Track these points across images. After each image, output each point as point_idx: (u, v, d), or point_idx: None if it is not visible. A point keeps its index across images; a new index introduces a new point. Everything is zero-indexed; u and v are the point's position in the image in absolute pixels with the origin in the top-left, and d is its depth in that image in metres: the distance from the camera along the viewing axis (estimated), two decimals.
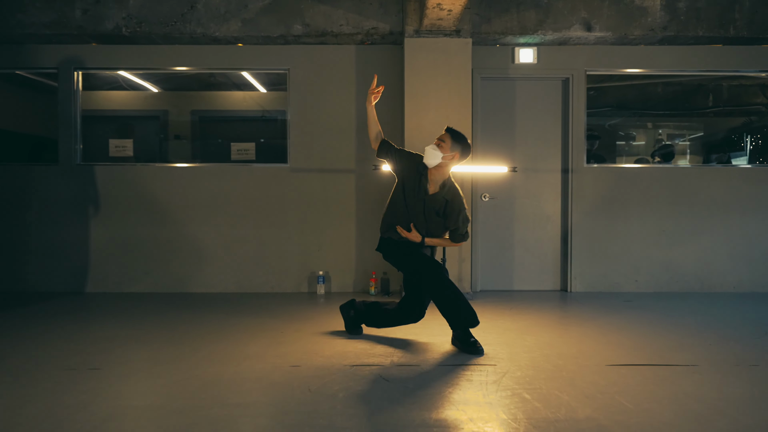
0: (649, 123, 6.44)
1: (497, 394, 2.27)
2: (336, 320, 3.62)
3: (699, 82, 5.71)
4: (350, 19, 4.46)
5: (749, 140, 6.65)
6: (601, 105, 6.28)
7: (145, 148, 5.34)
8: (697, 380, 2.46)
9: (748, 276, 4.83)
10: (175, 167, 4.83)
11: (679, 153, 5.54)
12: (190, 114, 5.73)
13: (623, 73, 4.96)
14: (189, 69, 4.85)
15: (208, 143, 5.63)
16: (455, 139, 2.97)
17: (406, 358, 2.76)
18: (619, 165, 4.95)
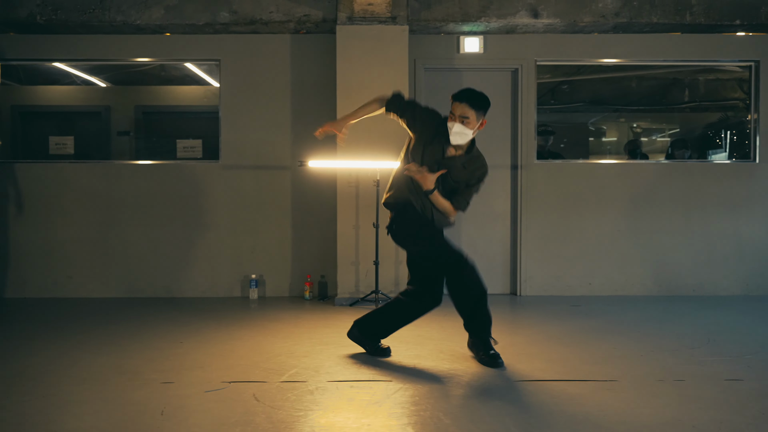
0: (623, 119, 6.17)
1: (369, 418, 1.99)
2: (255, 327, 3.35)
3: (674, 76, 5.44)
4: (281, 5, 4.18)
5: (728, 136, 6.38)
6: (574, 100, 6.02)
7: (87, 146, 5.08)
8: (604, 399, 2.18)
9: (709, 278, 4.55)
10: (112, 164, 4.56)
11: (648, 149, 5.27)
12: (134, 110, 5.46)
13: (576, 63, 4.68)
14: (112, 61, 4.58)
15: (152, 140, 5.37)
16: (478, 107, 2.61)
17: (302, 374, 2.48)
18: (573, 161, 4.67)
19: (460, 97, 2.62)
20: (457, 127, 2.60)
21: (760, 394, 2.25)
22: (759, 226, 4.56)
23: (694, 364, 2.64)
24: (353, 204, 4.15)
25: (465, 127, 2.60)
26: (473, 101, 2.60)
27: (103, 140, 5.18)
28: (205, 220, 4.47)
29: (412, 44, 4.48)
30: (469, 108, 2.59)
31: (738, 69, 4.90)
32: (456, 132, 2.61)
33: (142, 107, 5.44)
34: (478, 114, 2.62)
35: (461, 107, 2.60)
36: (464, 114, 2.59)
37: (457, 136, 2.62)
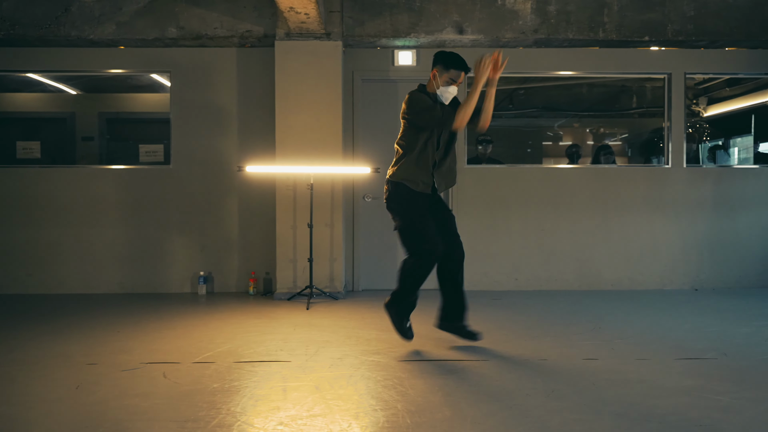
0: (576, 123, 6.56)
1: (257, 390, 2.32)
2: (193, 319, 3.67)
3: (623, 83, 5.82)
4: (225, 22, 4.51)
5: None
6: (528, 106, 6.38)
7: (53, 150, 5.37)
8: (468, 376, 2.52)
9: (627, 274, 4.93)
10: (72, 168, 4.86)
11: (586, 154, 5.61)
12: (98, 116, 5.76)
13: (503, 75, 5.02)
14: (69, 72, 4.92)
15: (116, 145, 5.67)
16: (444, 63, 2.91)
17: (215, 357, 2.81)
18: (500, 165, 5.03)
19: (465, 67, 2.92)
20: (445, 89, 2.93)
21: (603, 369, 2.61)
22: (672, 226, 4.94)
23: (564, 347, 3.00)
24: (291, 206, 4.48)
25: (451, 85, 2.94)
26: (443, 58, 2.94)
27: (69, 145, 5.48)
28: (158, 220, 4.79)
29: (350, 58, 4.83)
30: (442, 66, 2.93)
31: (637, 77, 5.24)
32: (450, 93, 2.95)
33: (105, 114, 5.75)
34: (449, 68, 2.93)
35: (464, 76, 2.96)
36: (463, 81, 3.01)
37: (450, 95, 2.96)
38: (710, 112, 6.78)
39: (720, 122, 6.92)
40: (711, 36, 4.64)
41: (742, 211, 4.97)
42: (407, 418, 2.02)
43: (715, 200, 4.97)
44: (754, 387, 2.37)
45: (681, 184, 4.96)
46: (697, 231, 4.95)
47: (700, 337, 3.22)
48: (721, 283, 4.95)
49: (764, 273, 4.96)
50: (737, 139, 7.04)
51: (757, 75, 5.22)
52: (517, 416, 2.05)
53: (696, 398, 2.24)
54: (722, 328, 3.44)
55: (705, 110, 6.92)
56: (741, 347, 3.00)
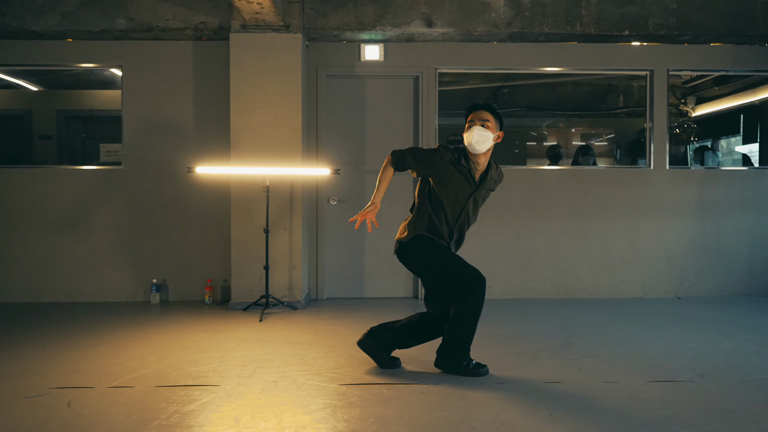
0: (561, 124, 6.31)
1: (159, 420, 2.04)
2: (132, 332, 3.39)
3: (609, 82, 5.57)
4: (177, 13, 4.22)
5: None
6: (513, 105, 6.13)
7: (8, 150, 5.07)
8: (406, 399, 2.26)
9: (606, 282, 4.67)
10: (20, 170, 4.56)
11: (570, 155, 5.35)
12: (57, 114, 5.46)
13: (475, 71, 4.77)
14: (12, 66, 4.62)
15: (76, 144, 5.37)
16: (495, 114, 2.60)
17: (136, 379, 2.52)
18: None
19: (476, 106, 2.61)
20: (478, 130, 2.51)
21: (564, 396, 2.34)
22: (654, 231, 4.69)
23: (527, 368, 2.73)
24: (247, 210, 4.20)
25: (486, 131, 2.53)
26: (491, 108, 2.61)
27: (25, 144, 5.18)
28: (109, 224, 4.49)
29: (314, 52, 4.55)
30: (488, 113, 2.58)
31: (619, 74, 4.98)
32: (477, 135, 2.52)
33: (64, 111, 5.45)
34: (496, 122, 2.60)
35: (480, 113, 2.57)
36: (484, 118, 2.56)
37: (478, 140, 2.53)
38: (699, 112, 6.55)
39: (708, 122, 6.70)
40: (694, 30, 4.39)
41: (728, 216, 4.72)
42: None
43: (699, 204, 4.72)
44: (730, 416, 2.11)
45: (663, 186, 4.71)
46: (680, 236, 4.70)
47: (677, 354, 2.96)
48: (706, 291, 4.70)
49: (750, 281, 4.71)
50: (724, 141, 6.82)
51: (743, 72, 4.97)
52: None
53: (663, 430, 1.98)
54: (702, 344, 3.18)
55: (693, 110, 6.69)
56: (720, 367, 2.75)
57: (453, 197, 2.62)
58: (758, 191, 4.75)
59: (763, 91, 6.19)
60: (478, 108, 2.62)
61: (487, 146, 2.58)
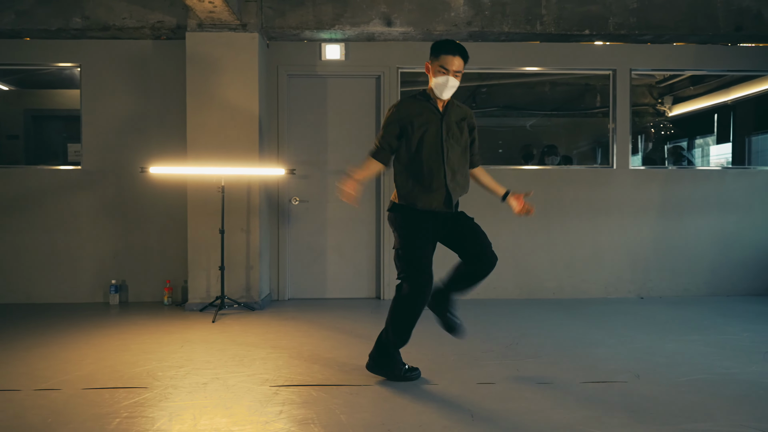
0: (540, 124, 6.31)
1: (73, 424, 2.02)
2: (81, 334, 3.36)
3: (586, 82, 5.56)
4: (134, 12, 4.19)
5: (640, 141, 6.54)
6: (491, 105, 6.12)
7: None
8: (338, 401, 2.24)
9: (569, 282, 4.66)
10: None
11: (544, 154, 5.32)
12: (24, 113, 5.42)
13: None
14: None
15: (42, 144, 5.33)
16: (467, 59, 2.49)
17: (66, 381, 2.50)
18: None
19: (453, 50, 2.45)
20: (452, 80, 2.44)
21: (493, 397, 2.33)
22: (616, 231, 4.68)
23: (465, 368, 2.72)
24: (204, 210, 4.17)
25: (457, 80, 2.47)
26: (466, 55, 2.49)
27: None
28: (67, 225, 4.46)
29: (275, 51, 4.52)
30: (463, 62, 2.48)
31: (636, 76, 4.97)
32: (451, 86, 2.45)
33: (31, 111, 5.41)
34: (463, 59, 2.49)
35: (457, 61, 2.45)
36: (458, 68, 2.45)
37: (450, 90, 2.47)
38: (675, 112, 6.56)
39: (684, 122, 6.71)
40: (655, 30, 4.38)
41: (691, 216, 4.71)
42: None
43: (662, 204, 4.71)
44: (651, 419, 2.10)
45: (627, 186, 4.70)
46: (643, 236, 4.69)
47: (622, 355, 2.95)
48: (669, 291, 4.69)
49: (714, 281, 4.71)
50: (701, 140, 6.83)
51: (706, 72, 4.98)
52: None
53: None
54: (649, 344, 3.17)
55: (670, 109, 6.69)
56: (659, 367, 2.73)
57: (428, 138, 2.49)
58: (721, 191, 4.75)
59: (735, 91, 6.21)
60: (455, 53, 2.45)
61: (453, 89, 2.49)
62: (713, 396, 2.34)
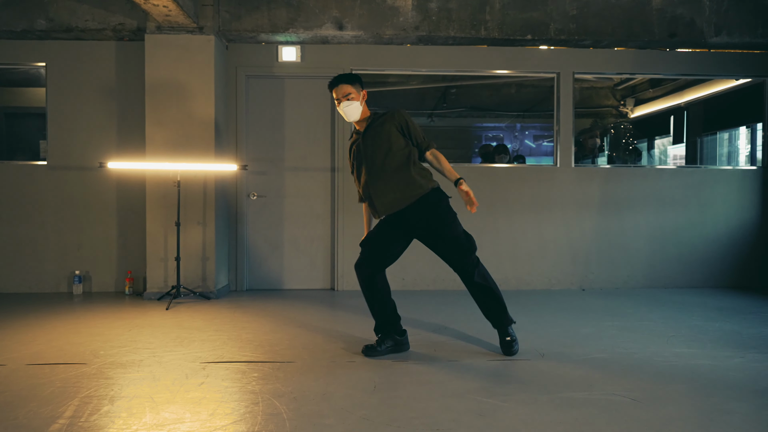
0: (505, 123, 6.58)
1: (26, 398, 2.23)
2: (41, 321, 3.56)
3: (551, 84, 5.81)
4: (96, 14, 4.39)
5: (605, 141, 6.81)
6: (458, 105, 6.36)
7: None
8: (277, 375, 2.46)
9: (514, 274, 4.90)
10: None
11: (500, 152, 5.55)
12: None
13: (387, 72, 4.98)
14: None
15: (15, 141, 5.51)
16: (351, 81, 2.82)
17: (13, 360, 2.70)
18: None
19: (332, 83, 2.83)
20: (344, 106, 2.78)
21: (405, 371, 2.55)
22: (559, 226, 4.93)
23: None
24: (161, 203, 4.38)
25: (351, 102, 2.77)
26: (344, 78, 2.82)
27: None
28: (32, 218, 4.65)
29: (234, 53, 4.73)
30: (345, 84, 2.80)
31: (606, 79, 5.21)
32: (346, 110, 2.78)
33: (5, 108, 5.58)
34: (355, 86, 2.81)
35: (339, 89, 2.80)
36: (344, 92, 2.79)
37: (349, 113, 2.79)
38: (637, 113, 6.84)
39: (644, 123, 6.99)
40: (593, 36, 4.63)
41: (630, 212, 4.97)
42: (119, 422, 1.95)
43: (602, 200, 4.96)
44: (536, 389, 2.33)
45: (569, 183, 4.95)
46: (584, 231, 4.94)
47: (536, 338, 3.19)
48: (609, 283, 4.95)
49: (651, 273, 4.97)
50: (659, 140, 7.11)
51: (643, 74, 5.23)
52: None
53: (462, 400, 2.19)
54: (567, 329, 3.41)
55: (632, 111, 6.97)
56: (566, 348, 2.98)
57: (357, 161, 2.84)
58: (657, 188, 5.01)
59: (688, 94, 6.50)
60: (336, 84, 2.82)
61: (359, 112, 2.81)
62: (602, 371, 2.58)
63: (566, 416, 2.04)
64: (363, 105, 2.84)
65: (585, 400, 2.20)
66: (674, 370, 2.59)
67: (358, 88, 2.82)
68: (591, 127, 6.27)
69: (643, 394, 2.27)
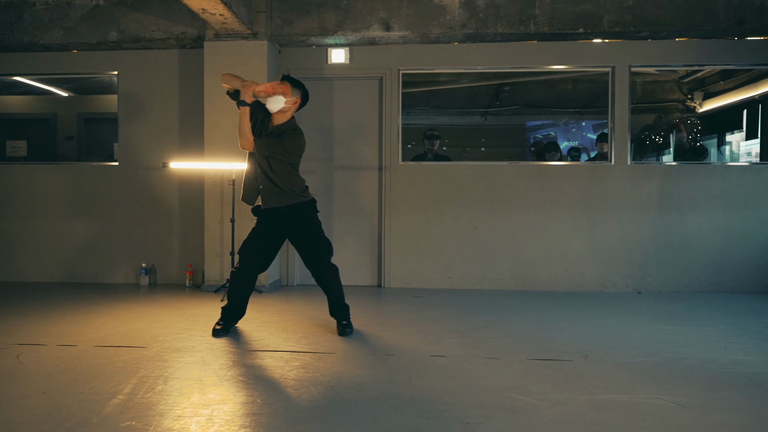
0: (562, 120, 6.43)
1: (91, 377, 2.46)
2: (109, 308, 3.88)
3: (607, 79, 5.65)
4: (161, 25, 4.71)
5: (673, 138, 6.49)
6: (512, 103, 6.31)
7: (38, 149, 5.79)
8: (319, 365, 2.56)
9: (565, 275, 4.76)
10: (20, 166, 5.22)
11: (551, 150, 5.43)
12: (77, 116, 6.15)
13: (435, 71, 4.98)
14: (25, 75, 5.28)
15: (92, 144, 6.04)
16: (295, 85, 3.15)
17: (80, 341, 2.98)
18: (431, 162, 4.97)
19: (285, 76, 3.18)
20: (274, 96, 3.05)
21: (437, 366, 2.57)
22: (614, 226, 4.74)
23: (426, 344, 2.97)
24: (218, 201, 4.63)
25: (280, 96, 3.06)
26: (292, 79, 3.18)
27: (51, 144, 5.90)
28: (105, 214, 5.06)
29: (286, 57, 4.92)
30: (288, 84, 3.12)
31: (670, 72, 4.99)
32: (271, 98, 3.05)
33: (84, 114, 6.13)
34: (294, 90, 3.13)
35: (280, 83, 3.12)
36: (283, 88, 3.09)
37: (271, 101, 3.06)
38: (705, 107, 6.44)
39: (713, 118, 6.56)
40: (652, 26, 4.42)
41: (692, 211, 4.69)
42: (186, 402, 2.10)
43: (661, 199, 4.72)
44: (572, 389, 2.28)
45: (625, 181, 4.75)
46: (641, 231, 4.72)
47: (582, 340, 3.10)
48: (668, 286, 4.70)
49: (716, 277, 4.67)
50: (730, 136, 6.67)
51: (710, 65, 4.94)
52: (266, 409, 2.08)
53: (496, 397, 2.19)
54: (616, 332, 3.29)
55: (701, 105, 6.57)
56: (611, 350, 2.87)
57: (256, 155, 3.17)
58: (724, 186, 4.70)
59: (763, 86, 6.03)
60: (282, 80, 3.15)
61: (279, 106, 3.07)
62: (648, 374, 2.48)
63: (602, 417, 1.99)
64: (290, 110, 3.12)
65: (625, 403, 2.13)
66: (729, 378, 2.44)
67: (294, 92, 3.13)
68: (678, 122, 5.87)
69: (690, 400, 2.17)
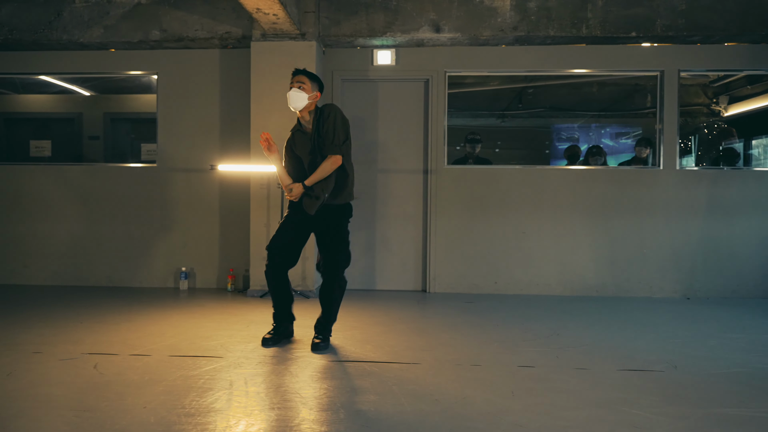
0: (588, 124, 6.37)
1: (176, 385, 2.37)
2: (158, 313, 3.79)
3: (636, 82, 5.61)
4: (205, 24, 4.61)
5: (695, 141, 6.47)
6: (535, 105, 6.25)
7: (62, 149, 5.66)
8: (403, 376, 2.49)
9: (612, 280, 4.73)
10: (53, 167, 5.09)
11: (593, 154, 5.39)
12: (103, 116, 6.01)
13: (483, 74, 4.93)
14: (63, 74, 5.15)
15: (118, 144, 5.91)
16: (312, 78, 3.01)
17: (154, 350, 2.88)
18: (477, 166, 4.91)
19: (295, 72, 3.03)
20: (293, 91, 2.92)
21: (531, 378, 2.51)
22: (662, 231, 4.71)
23: (506, 353, 2.91)
24: (264, 204, 4.54)
25: (300, 91, 2.92)
26: (307, 72, 3.02)
27: (76, 144, 5.77)
28: (143, 217, 4.95)
29: (330, 57, 4.84)
30: (304, 76, 2.98)
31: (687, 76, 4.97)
32: (292, 95, 2.91)
33: (110, 114, 6.00)
34: (312, 84, 2.99)
35: (297, 77, 2.99)
36: (300, 80, 2.96)
37: (293, 99, 2.92)
38: (731, 112, 6.43)
39: (740, 122, 6.55)
40: (704, 31, 4.39)
41: (740, 217, 4.68)
42: (299, 417, 2.02)
43: (709, 205, 4.70)
44: (684, 402, 2.23)
45: (673, 187, 4.72)
46: (689, 236, 4.69)
47: (659, 348, 3.05)
48: (717, 292, 4.68)
49: (765, 283, 4.65)
50: (756, 141, 6.66)
51: (760, 72, 4.90)
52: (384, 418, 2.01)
53: (611, 411, 2.13)
54: (689, 340, 3.25)
55: (726, 109, 6.56)
56: (697, 360, 2.83)
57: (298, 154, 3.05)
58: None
59: None
60: (297, 73, 3.01)
61: (303, 104, 2.95)
62: (749, 387, 2.43)
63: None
64: (312, 104, 2.98)
65: (741, 417, 2.09)
66: None
67: (314, 87, 2.99)
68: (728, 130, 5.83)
69: None
